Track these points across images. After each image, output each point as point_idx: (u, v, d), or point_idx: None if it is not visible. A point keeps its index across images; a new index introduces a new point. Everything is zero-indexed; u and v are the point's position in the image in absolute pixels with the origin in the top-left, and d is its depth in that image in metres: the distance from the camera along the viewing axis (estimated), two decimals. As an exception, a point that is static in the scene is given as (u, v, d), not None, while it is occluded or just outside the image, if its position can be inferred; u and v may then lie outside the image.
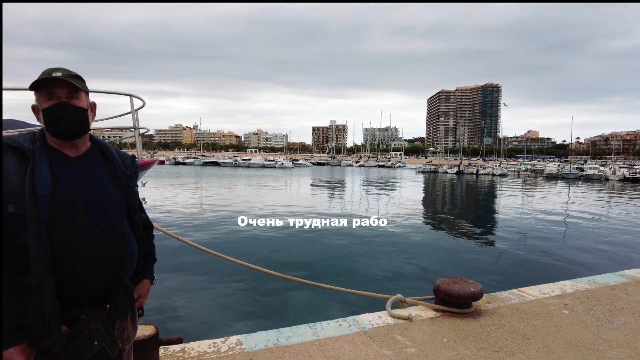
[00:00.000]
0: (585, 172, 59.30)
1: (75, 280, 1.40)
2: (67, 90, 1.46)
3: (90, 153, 1.56)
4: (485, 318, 3.56)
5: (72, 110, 1.46)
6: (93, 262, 1.43)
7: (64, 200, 1.40)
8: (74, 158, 1.50)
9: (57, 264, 1.35)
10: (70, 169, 1.47)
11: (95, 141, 1.62)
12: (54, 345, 1.33)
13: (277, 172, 59.87)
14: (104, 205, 1.49)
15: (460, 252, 11.53)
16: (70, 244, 1.39)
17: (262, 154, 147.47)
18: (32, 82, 1.44)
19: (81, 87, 1.49)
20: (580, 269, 9.38)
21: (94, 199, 1.47)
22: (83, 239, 1.41)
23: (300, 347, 2.95)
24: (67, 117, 1.45)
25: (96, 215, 1.46)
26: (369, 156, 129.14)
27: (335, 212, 18.83)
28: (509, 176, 61.37)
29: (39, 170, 1.38)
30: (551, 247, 12.11)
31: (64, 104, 1.45)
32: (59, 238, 1.37)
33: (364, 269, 9.08)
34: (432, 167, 72.91)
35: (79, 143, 1.52)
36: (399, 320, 3.46)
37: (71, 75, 1.48)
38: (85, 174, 1.49)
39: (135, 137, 5.96)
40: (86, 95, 1.55)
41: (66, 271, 1.37)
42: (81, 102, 1.50)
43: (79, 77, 1.52)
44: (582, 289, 4.40)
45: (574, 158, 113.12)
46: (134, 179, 1.67)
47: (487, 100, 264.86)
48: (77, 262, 1.40)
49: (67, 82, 1.45)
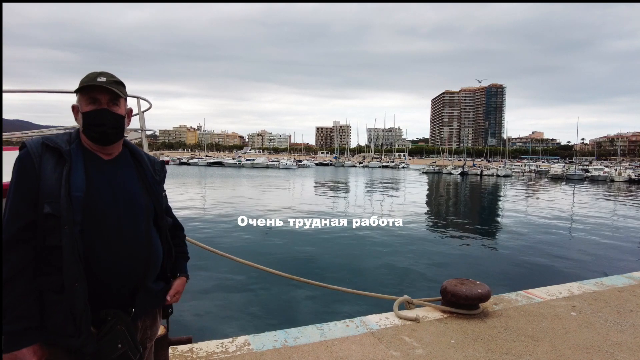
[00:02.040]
0: (590, 174, 58.88)
1: (104, 281, 1.41)
2: (108, 97, 1.47)
3: (122, 156, 1.57)
4: (492, 319, 3.55)
5: (111, 117, 1.47)
6: (122, 265, 1.43)
7: (97, 202, 1.41)
8: (107, 161, 1.52)
9: (89, 265, 1.37)
10: (103, 171, 1.48)
11: (127, 144, 1.63)
12: (84, 345, 1.34)
13: (281, 172, 59.92)
14: (133, 209, 1.50)
15: (466, 253, 11.50)
16: (101, 246, 1.40)
17: (266, 155, 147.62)
18: (77, 87, 1.46)
19: (122, 94, 1.51)
20: (587, 271, 9.33)
21: (124, 202, 1.48)
22: (114, 242, 1.42)
23: (307, 347, 2.95)
24: (106, 124, 1.46)
25: (126, 218, 1.47)
26: (372, 157, 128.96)
27: (340, 212, 18.82)
28: (513, 177, 61.09)
29: (74, 172, 1.40)
30: (557, 248, 12.05)
31: (104, 110, 1.46)
32: (91, 240, 1.38)
33: (370, 270, 9.07)
34: (436, 168, 72.73)
35: (113, 147, 1.54)
36: (406, 322, 3.46)
37: (114, 81, 1.49)
38: (117, 178, 1.50)
39: (142, 138, 5.98)
40: (125, 101, 1.56)
41: (96, 272, 1.39)
42: (120, 109, 1.52)
43: (121, 83, 1.53)
44: (590, 290, 4.38)
45: (579, 159, 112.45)
46: (162, 184, 1.68)
47: (492, 101, 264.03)
48: (107, 264, 1.41)
49: (109, 89, 1.46)
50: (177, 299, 1.70)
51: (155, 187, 1.61)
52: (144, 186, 1.57)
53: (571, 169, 64.38)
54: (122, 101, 1.53)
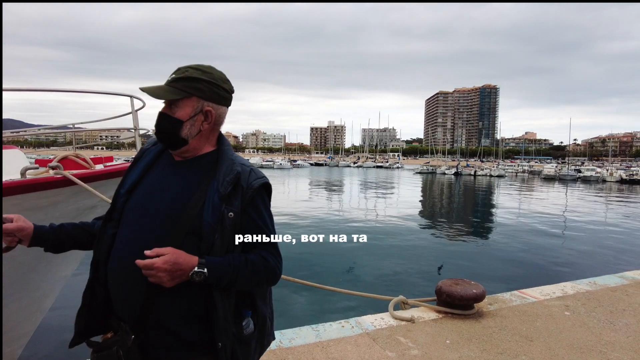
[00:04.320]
0: (582, 174, 59.46)
1: (112, 292, 1.30)
2: (168, 99, 1.31)
3: (197, 160, 1.35)
4: (487, 320, 3.56)
5: (165, 123, 1.30)
6: (123, 278, 1.25)
7: (131, 203, 1.33)
8: (176, 162, 1.36)
9: (107, 268, 1.32)
10: (164, 173, 1.34)
11: (219, 147, 1.40)
12: (74, 343, 1.35)
13: (276, 172, 59.79)
14: (164, 220, 1.25)
15: (460, 253, 11.54)
16: (115, 251, 1.30)
17: (261, 155, 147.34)
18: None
19: (180, 95, 1.29)
20: (580, 271, 9.40)
21: (156, 209, 1.27)
22: (122, 249, 1.28)
23: (303, 348, 2.94)
24: (161, 131, 1.32)
25: (150, 226, 1.25)
26: (367, 157, 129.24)
27: (334, 214, 18.82)
28: (506, 177, 61.48)
29: (134, 171, 1.39)
30: (550, 248, 12.14)
31: (161, 115, 1.32)
32: (114, 242, 1.32)
33: (365, 271, 9.07)
34: (430, 168, 72.95)
35: (182, 151, 1.34)
36: (402, 322, 3.46)
37: (178, 78, 1.29)
38: (170, 181, 1.30)
39: (135, 137, 5.95)
40: (199, 99, 1.31)
41: (109, 278, 1.30)
42: (180, 111, 1.30)
43: (193, 79, 1.29)
44: (583, 290, 4.41)
45: (572, 159, 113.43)
46: (233, 201, 1.26)
47: (485, 101, 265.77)
48: (113, 273, 1.29)
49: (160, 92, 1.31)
50: (151, 264, 1.13)
51: (213, 201, 1.24)
52: (199, 197, 1.26)
53: (564, 169, 64.96)
54: (186, 102, 1.30)
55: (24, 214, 2.51)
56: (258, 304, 1.37)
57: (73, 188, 2.59)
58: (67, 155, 2.93)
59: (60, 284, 3.62)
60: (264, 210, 1.33)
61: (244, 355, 1.32)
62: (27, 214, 2.54)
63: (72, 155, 2.94)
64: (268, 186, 1.36)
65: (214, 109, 1.33)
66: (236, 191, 1.27)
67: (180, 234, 1.21)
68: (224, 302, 1.24)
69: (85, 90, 4.02)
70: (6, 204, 2.34)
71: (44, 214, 2.68)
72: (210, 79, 1.31)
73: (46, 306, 3.48)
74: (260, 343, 1.40)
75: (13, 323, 3.03)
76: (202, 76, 1.29)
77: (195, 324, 1.23)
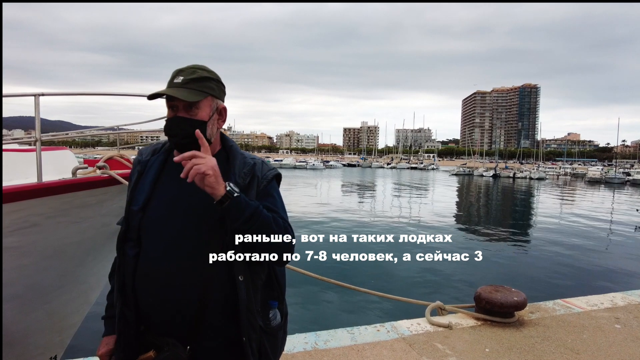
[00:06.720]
0: (632, 177, 56.12)
1: (146, 310, 1.28)
2: (184, 102, 1.24)
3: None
4: (529, 329, 3.42)
5: (185, 125, 1.24)
6: (165, 295, 1.23)
7: (151, 215, 1.28)
8: None
9: (135, 288, 1.28)
10: (179, 181, 1.19)
11: (225, 145, 1.41)
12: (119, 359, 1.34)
13: (308, 173, 60.12)
14: (194, 221, 1.26)
15: (500, 259, 11.16)
16: (146, 268, 1.26)
17: (294, 155, 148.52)
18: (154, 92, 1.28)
19: (201, 96, 1.25)
20: (631, 281, 8.87)
21: (184, 213, 1.26)
22: (159, 261, 1.25)
23: (338, 351, 2.93)
24: (178, 135, 1.25)
25: (184, 232, 1.25)
26: (400, 158, 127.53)
27: (368, 216, 18.69)
28: (547, 180, 58.97)
29: (141, 184, 1.33)
30: (597, 256, 11.52)
31: (175, 119, 1.25)
32: (140, 260, 1.28)
33: (400, 274, 8.93)
34: (466, 170, 71.10)
35: None
36: (439, 328, 3.38)
37: (192, 79, 1.25)
38: (189, 185, 1.19)
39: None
40: (213, 99, 1.30)
41: (146, 297, 1.27)
42: (201, 112, 1.26)
43: (205, 78, 1.28)
44: (635, 302, 4.15)
45: (619, 162, 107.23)
46: (251, 191, 1.30)
47: (525, 101, 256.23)
48: (151, 289, 1.25)
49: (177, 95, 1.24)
50: (189, 157, 1.15)
51: None
52: None
53: (611, 172, 61.55)
54: (205, 102, 1.27)
55: (74, 211, 2.66)
56: (284, 295, 1.41)
57: (118, 187, 2.70)
58: (112, 156, 3.04)
59: (105, 278, 3.78)
60: (277, 197, 1.37)
61: (272, 347, 1.33)
62: (77, 211, 2.69)
63: (116, 156, 3.05)
64: (279, 176, 1.42)
65: (224, 106, 1.37)
66: (252, 181, 1.31)
67: (215, 235, 1.24)
68: (249, 293, 1.26)
69: (128, 94, 4.16)
70: (59, 201, 2.46)
71: (91, 211, 2.81)
72: (217, 77, 1.33)
73: (92, 299, 3.64)
74: (285, 334, 1.43)
75: (63, 313, 3.19)
76: (211, 75, 1.31)
77: (232, 318, 1.26)
